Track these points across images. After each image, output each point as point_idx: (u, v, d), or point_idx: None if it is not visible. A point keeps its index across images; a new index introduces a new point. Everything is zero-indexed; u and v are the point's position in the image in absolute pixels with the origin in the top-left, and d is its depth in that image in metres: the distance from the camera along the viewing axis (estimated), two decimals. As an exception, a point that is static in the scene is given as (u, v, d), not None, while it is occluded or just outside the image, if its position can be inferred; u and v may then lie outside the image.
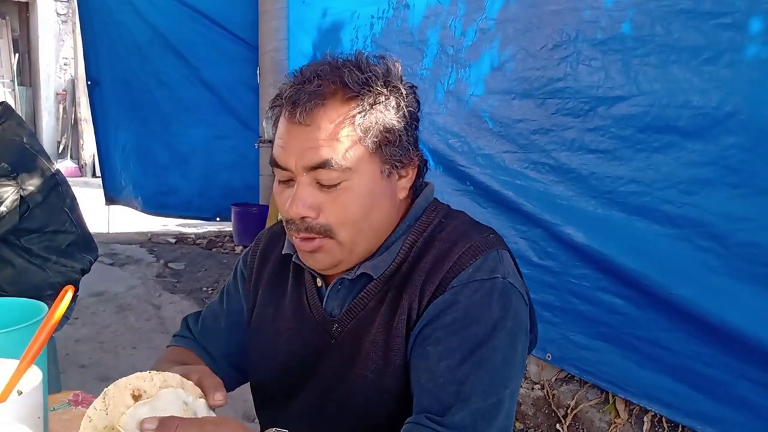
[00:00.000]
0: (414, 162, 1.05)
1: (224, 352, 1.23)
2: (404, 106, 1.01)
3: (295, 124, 0.96)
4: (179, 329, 1.30)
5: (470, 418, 0.92)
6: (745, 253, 2.17)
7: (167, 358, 1.19)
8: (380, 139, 0.98)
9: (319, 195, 0.97)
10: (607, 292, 2.68)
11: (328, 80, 0.96)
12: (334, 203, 0.97)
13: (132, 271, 5.24)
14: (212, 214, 6.59)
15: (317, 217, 0.97)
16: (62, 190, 2.17)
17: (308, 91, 0.95)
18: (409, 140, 1.02)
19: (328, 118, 0.95)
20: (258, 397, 1.22)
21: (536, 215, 2.90)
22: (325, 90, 0.96)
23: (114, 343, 3.79)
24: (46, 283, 2.12)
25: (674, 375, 2.45)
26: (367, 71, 0.98)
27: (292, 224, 0.99)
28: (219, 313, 1.26)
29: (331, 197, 0.97)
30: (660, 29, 2.38)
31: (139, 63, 6.18)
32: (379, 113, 0.98)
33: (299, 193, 0.97)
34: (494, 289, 0.98)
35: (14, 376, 0.88)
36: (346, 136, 0.95)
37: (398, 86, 1.01)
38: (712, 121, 2.23)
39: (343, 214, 0.97)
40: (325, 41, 4.95)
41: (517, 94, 3.03)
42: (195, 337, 1.26)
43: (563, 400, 2.93)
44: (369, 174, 0.98)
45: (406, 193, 1.06)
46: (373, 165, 0.98)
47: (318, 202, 0.97)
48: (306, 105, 0.94)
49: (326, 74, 0.97)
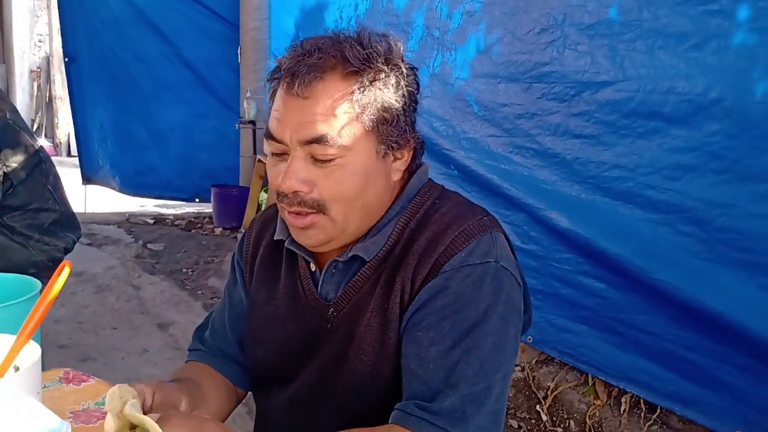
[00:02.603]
0: (410, 144, 1.04)
1: (237, 345, 1.21)
2: (404, 85, 1.00)
3: (292, 96, 0.94)
4: (191, 342, 1.27)
5: (459, 403, 0.93)
6: (726, 238, 2.20)
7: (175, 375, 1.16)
8: (377, 117, 0.97)
9: (313, 170, 0.96)
10: (588, 276, 2.71)
11: (329, 54, 0.95)
12: (328, 179, 0.96)
13: (110, 251, 5.19)
14: (191, 195, 6.53)
15: (310, 192, 0.96)
16: (45, 167, 2.14)
17: (308, 63, 0.94)
18: (407, 121, 1.01)
19: (327, 93, 0.94)
20: (254, 380, 1.21)
21: (520, 199, 2.91)
22: (326, 64, 0.94)
23: (93, 323, 3.76)
24: (29, 261, 2.08)
25: (654, 358, 2.49)
26: (369, 47, 0.97)
27: (285, 198, 0.98)
28: (223, 310, 1.25)
29: (325, 173, 0.96)
30: (647, 14, 2.39)
31: (117, 39, 6.09)
32: (378, 91, 0.97)
33: (293, 167, 0.95)
34: (486, 274, 0.98)
35: (12, 351, 0.88)
36: (343, 113, 0.94)
37: (399, 65, 1.00)
38: (697, 107, 2.25)
39: (335, 191, 0.96)
40: (308, 21, 4.91)
41: (503, 78, 3.03)
42: (205, 346, 1.23)
43: (543, 382, 2.97)
44: (364, 152, 0.97)
45: (400, 175, 1.05)
46: (368, 144, 0.97)
47: (311, 177, 0.96)
48: (305, 77, 0.93)
49: (327, 48, 0.96)
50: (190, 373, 1.15)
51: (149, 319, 3.91)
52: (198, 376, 1.14)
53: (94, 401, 1.18)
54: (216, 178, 6.14)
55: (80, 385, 1.24)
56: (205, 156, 6.34)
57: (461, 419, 0.92)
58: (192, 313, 4.01)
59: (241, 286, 1.23)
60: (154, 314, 4.00)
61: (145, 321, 3.89)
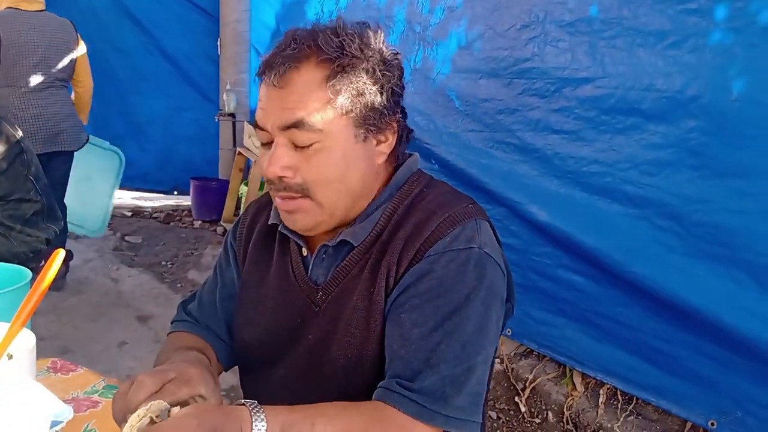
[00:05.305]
0: (393, 127, 1.07)
1: (224, 324, 1.25)
2: (380, 71, 1.02)
3: (272, 87, 0.99)
4: (176, 314, 1.31)
5: (439, 384, 0.96)
6: (702, 233, 2.25)
7: (170, 346, 1.18)
8: (352, 102, 1.00)
9: (295, 155, 1.00)
10: (567, 270, 2.75)
11: (303, 44, 0.99)
12: (308, 163, 1.00)
13: (87, 243, 5.13)
14: (170, 188, 6.48)
15: (294, 177, 1.01)
16: (27, 157, 2.11)
17: (284, 54, 0.98)
18: (385, 105, 1.04)
19: (302, 81, 0.98)
20: (242, 363, 1.24)
21: (500, 194, 2.95)
22: (300, 54, 0.98)
23: (72, 316, 3.73)
24: (10, 252, 2.06)
25: (631, 350, 2.54)
26: (343, 35, 1.00)
27: (272, 184, 1.03)
28: (214, 288, 1.28)
29: (305, 157, 1.00)
30: (627, 13, 2.43)
31: (95, 30, 5.98)
32: (352, 77, 1.00)
33: (276, 153, 1.00)
34: (470, 259, 1.01)
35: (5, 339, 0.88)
36: (318, 98, 0.98)
37: (375, 51, 1.03)
38: (675, 104, 2.30)
39: (317, 174, 1.00)
40: (288, 14, 4.91)
41: (484, 73, 3.06)
42: (193, 319, 1.27)
43: (522, 374, 3.01)
44: (342, 136, 1.00)
45: (385, 157, 1.08)
46: (346, 128, 1.00)
47: (294, 162, 1.00)
48: (280, 68, 0.98)
49: (302, 38, 1.00)
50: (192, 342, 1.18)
51: (128, 312, 3.89)
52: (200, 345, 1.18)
53: (82, 390, 1.19)
54: (195, 170, 6.09)
55: (68, 374, 1.25)
56: (184, 148, 6.28)
57: (441, 398, 0.95)
58: (171, 306, 3.98)
59: (234, 267, 1.26)
60: (134, 307, 3.98)
61: (124, 314, 3.86)
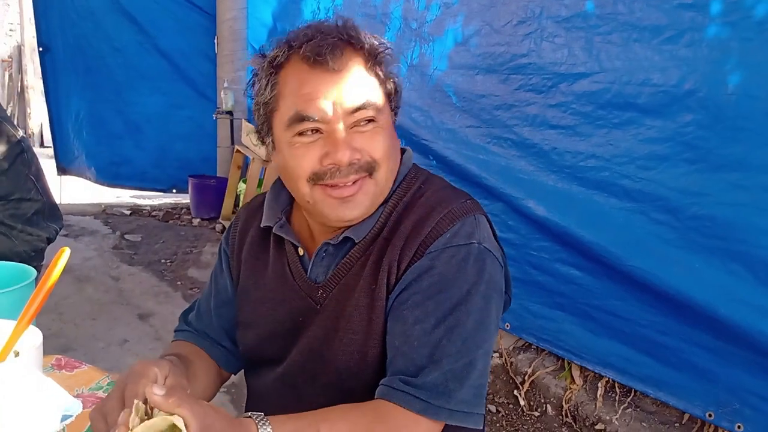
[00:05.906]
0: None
1: (222, 331, 1.26)
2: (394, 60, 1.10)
3: (328, 72, 1.00)
4: (177, 324, 1.33)
5: (442, 378, 0.97)
6: (698, 226, 2.26)
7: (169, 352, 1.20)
8: (392, 86, 1.08)
9: (357, 137, 1.02)
10: (565, 264, 2.77)
11: (337, 35, 1.03)
12: (372, 141, 1.03)
13: (87, 242, 5.15)
14: (168, 186, 6.49)
15: (362, 157, 1.03)
16: (28, 157, 2.13)
17: (329, 42, 1.01)
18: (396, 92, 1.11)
19: (355, 64, 1.03)
20: (246, 363, 1.26)
21: (498, 189, 2.96)
22: (341, 42, 1.02)
23: (73, 314, 3.74)
24: (12, 251, 2.08)
25: (628, 342, 2.55)
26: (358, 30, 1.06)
27: (337, 172, 1.01)
28: (209, 295, 1.30)
29: (368, 136, 1.03)
30: (623, 8, 2.44)
31: (92, 29, 6.01)
32: (383, 63, 1.07)
33: (345, 139, 1.01)
34: (470, 255, 1.02)
35: (13, 336, 0.90)
36: (372, 80, 1.04)
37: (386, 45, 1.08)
38: (671, 98, 2.31)
39: (381, 149, 1.04)
40: (285, 11, 4.90)
41: (481, 69, 3.07)
42: (192, 328, 1.28)
43: (521, 368, 3.03)
44: (389, 117, 1.08)
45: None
46: (388, 108, 1.08)
47: (359, 143, 1.02)
48: (335, 52, 1.00)
49: (331, 31, 1.03)
50: (183, 350, 1.20)
51: (129, 310, 3.90)
52: (191, 353, 1.20)
53: (87, 387, 1.20)
54: (193, 168, 6.11)
55: (73, 371, 1.26)
56: (182, 146, 6.29)
57: (444, 393, 0.97)
58: (172, 304, 4.01)
59: (227, 274, 1.27)
60: (134, 305, 3.99)
61: (124, 312, 3.88)
